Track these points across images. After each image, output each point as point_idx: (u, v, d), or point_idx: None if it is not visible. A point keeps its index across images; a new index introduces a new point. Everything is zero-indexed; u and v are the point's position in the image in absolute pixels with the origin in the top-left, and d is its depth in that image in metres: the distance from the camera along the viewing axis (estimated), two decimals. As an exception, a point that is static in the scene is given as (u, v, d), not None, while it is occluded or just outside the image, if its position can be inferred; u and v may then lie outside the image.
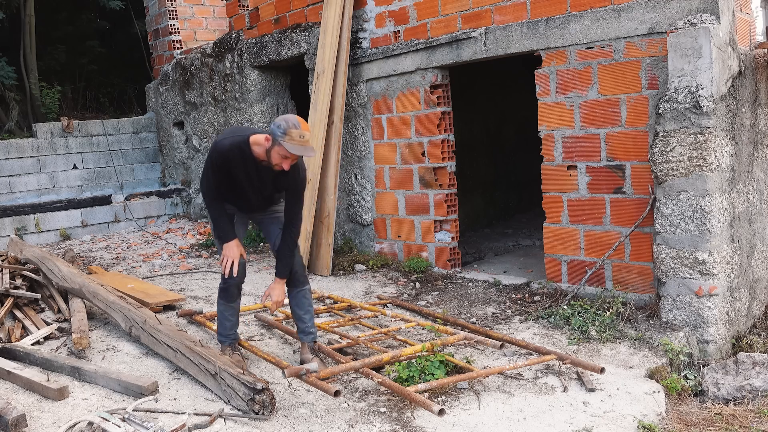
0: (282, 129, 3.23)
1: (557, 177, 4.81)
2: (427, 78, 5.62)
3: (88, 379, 3.64)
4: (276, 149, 3.29)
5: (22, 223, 8.30)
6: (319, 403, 3.32)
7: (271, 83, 7.69)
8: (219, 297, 3.84)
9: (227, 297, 3.81)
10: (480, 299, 4.96)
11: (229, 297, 3.81)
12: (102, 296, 4.50)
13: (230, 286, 3.75)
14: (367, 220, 6.40)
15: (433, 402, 3.15)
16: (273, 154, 3.31)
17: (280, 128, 3.24)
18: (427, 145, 5.72)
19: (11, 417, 3.03)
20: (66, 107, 10.38)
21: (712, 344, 4.00)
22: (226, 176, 3.50)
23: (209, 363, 3.41)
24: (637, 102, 4.31)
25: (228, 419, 3.11)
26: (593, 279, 4.62)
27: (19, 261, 5.69)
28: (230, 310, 3.86)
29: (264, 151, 3.38)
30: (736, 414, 3.27)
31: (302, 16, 6.80)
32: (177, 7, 9.85)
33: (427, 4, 5.54)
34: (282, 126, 3.24)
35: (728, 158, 4.09)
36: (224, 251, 3.62)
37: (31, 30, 9.77)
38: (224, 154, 3.44)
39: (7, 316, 4.72)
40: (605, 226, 4.58)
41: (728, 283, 4.12)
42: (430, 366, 3.41)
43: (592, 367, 3.42)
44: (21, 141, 8.71)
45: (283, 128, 3.23)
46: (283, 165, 3.32)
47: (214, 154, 3.47)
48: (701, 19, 3.93)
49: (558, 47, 4.67)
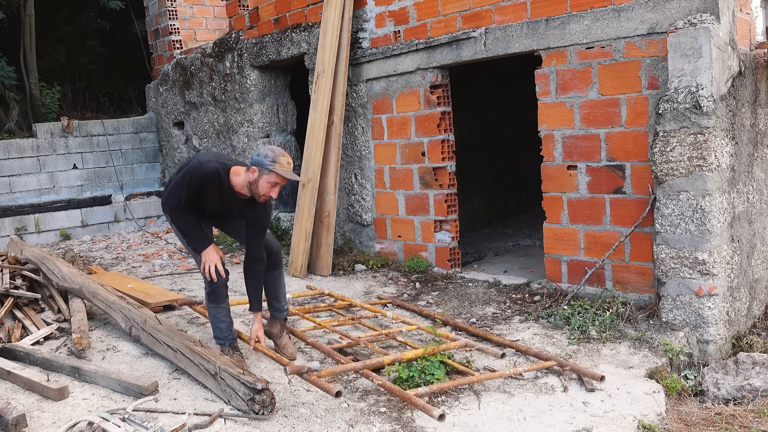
0: (270, 158, 3.42)
1: (557, 177, 4.81)
2: (427, 78, 5.62)
3: (88, 379, 3.64)
4: (265, 178, 3.44)
5: (22, 223, 8.30)
6: (319, 403, 3.32)
7: (271, 83, 7.69)
8: (208, 302, 3.86)
9: (216, 299, 3.84)
10: (480, 299, 4.96)
11: (219, 299, 3.84)
12: (102, 296, 4.50)
13: (218, 287, 3.79)
14: (367, 220, 6.40)
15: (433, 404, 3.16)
16: (261, 183, 3.45)
17: (268, 158, 3.43)
18: (427, 145, 5.72)
19: (11, 417, 3.03)
20: (66, 107, 10.38)
21: (712, 344, 4.00)
22: (196, 196, 3.59)
23: (209, 363, 3.41)
24: (637, 102, 4.31)
25: (228, 419, 3.11)
26: (593, 279, 4.62)
27: (19, 261, 5.69)
28: (222, 311, 3.88)
29: (245, 182, 3.52)
30: (736, 414, 3.27)
31: (302, 16, 6.80)
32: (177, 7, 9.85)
33: (427, 4, 5.54)
34: (270, 156, 3.43)
35: (728, 158, 4.09)
36: (204, 258, 3.66)
37: (31, 30, 9.76)
38: (206, 176, 3.52)
39: (7, 316, 4.72)
40: (605, 226, 4.58)
41: (728, 283, 4.12)
42: (430, 366, 3.41)
43: (592, 375, 3.40)
44: (21, 141, 8.71)
45: (271, 158, 3.42)
46: (272, 194, 3.49)
47: (196, 172, 3.53)
48: (701, 19, 3.93)
49: (558, 47, 4.67)
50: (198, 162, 3.55)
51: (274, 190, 3.47)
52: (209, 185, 3.54)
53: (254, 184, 3.47)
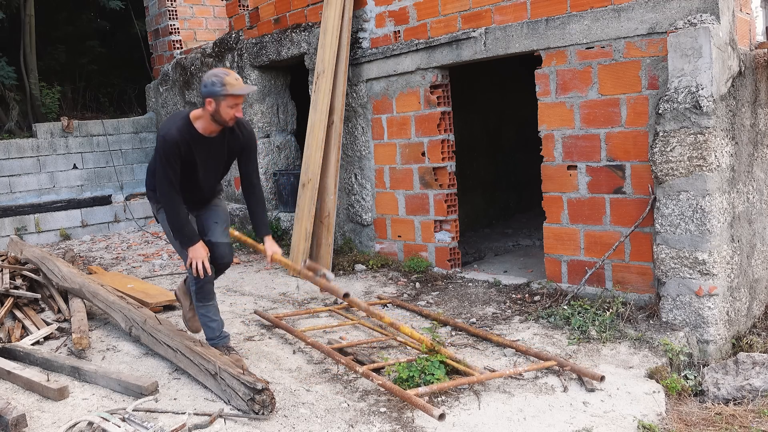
0: (219, 83, 3.39)
1: (557, 177, 4.81)
2: (427, 78, 5.62)
3: (88, 379, 3.64)
4: (223, 104, 3.42)
5: (22, 223, 8.30)
6: (319, 403, 3.32)
7: (271, 83, 7.69)
8: (196, 301, 3.83)
9: (205, 296, 3.81)
10: (480, 299, 4.96)
11: (207, 296, 3.81)
12: (102, 296, 4.50)
13: (205, 284, 3.76)
14: (367, 220, 6.40)
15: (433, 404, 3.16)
16: (222, 110, 3.44)
17: (216, 84, 3.39)
18: (427, 145, 5.72)
19: (11, 417, 3.03)
20: (66, 107, 10.38)
21: (712, 344, 4.00)
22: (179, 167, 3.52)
23: (209, 363, 3.41)
24: (637, 102, 4.31)
25: (228, 419, 3.11)
26: (593, 279, 4.62)
27: (19, 261, 5.69)
28: (212, 309, 3.86)
29: (209, 118, 3.50)
30: (736, 414, 3.27)
31: (302, 16, 6.80)
32: (177, 7, 9.86)
33: (427, 4, 5.54)
34: (217, 81, 3.40)
35: (728, 158, 4.09)
36: (191, 254, 3.62)
37: (31, 30, 9.76)
38: (175, 142, 3.46)
39: (7, 316, 4.72)
40: (605, 226, 4.58)
41: (728, 283, 4.12)
42: (431, 366, 3.41)
43: (592, 375, 3.39)
44: (21, 141, 8.71)
45: (219, 83, 3.39)
46: (236, 114, 3.48)
47: (164, 146, 3.47)
48: (701, 19, 3.93)
49: (558, 47, 4.67)
50: (161, 138, 3.49)
51: (237, 109, 3.47)
52: (183, 147, 3.49)
53: (216, 114, 3.46)
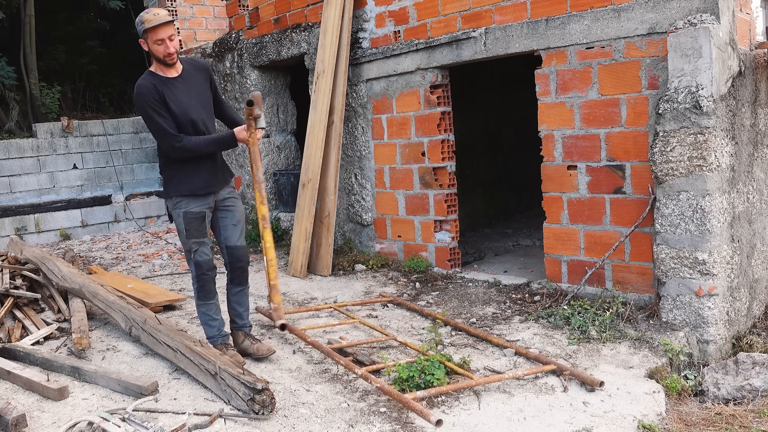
0: (139, 22, 3.52)
1: (557, 177, 4.81)
2: (427, 78, 5.62)
3: (88, 379, 3.64)
4: (149, 41, 3.52)
5: (22, 223, 8.31)
6: (319, 403, 3.32)
7: (271, 83, 7.69)
8: (197, 299, 3.83)
9: (206, 294, 3.80)
10: (480, 299, 4.96)
11: (208, 293, 3.80)
12: (102, 296, 4.50)
13: (206, 281, 3.76)
14: (367, 220, 6.40)
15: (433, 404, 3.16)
16: (153, 49, 3.54)
17: (138, 24, 3.53)
18: (427, 145, 5.72)
19: (11, 417, 3.03)
20: (66, 107, 10.38)
21: (712, 344, 4.00)
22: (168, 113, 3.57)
23: (209, 363, 3.41)
24: (637, 102, 4.31)
25: (228, 419, 3.11)
26: (593, 279, 4.62)
27: (19, 261, 5.69)
28: (213, 308, 3.85)
29: (154, 59, 3.59)
30: (736, 414, 3.27)
31: (302, 16, 6.80)
32: (177, 7, 9.85)
33: (427, 4, 5.54)
34: (138, 21, 3.53)
35: (728, 158, 4.09)
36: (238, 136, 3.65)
37: (31, 30, 9.76)
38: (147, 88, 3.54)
39: (7, 316, 4.72)
40: (605, 226, 4.58)
41: (728, 283, 4.12)
42: (430, 366, 3.41)
43: (591, 381, 3.36)
44: (21, 141, 8.71)
45: (139, 22, 3.52)
46: (168, 49, 3.54)
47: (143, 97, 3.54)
48: (701, 19, 3.93)
49: (558, 47, 4.67)
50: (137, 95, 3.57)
51: (166, 44, 3.53)
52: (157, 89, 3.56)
53: (153, 54, 3.56)
